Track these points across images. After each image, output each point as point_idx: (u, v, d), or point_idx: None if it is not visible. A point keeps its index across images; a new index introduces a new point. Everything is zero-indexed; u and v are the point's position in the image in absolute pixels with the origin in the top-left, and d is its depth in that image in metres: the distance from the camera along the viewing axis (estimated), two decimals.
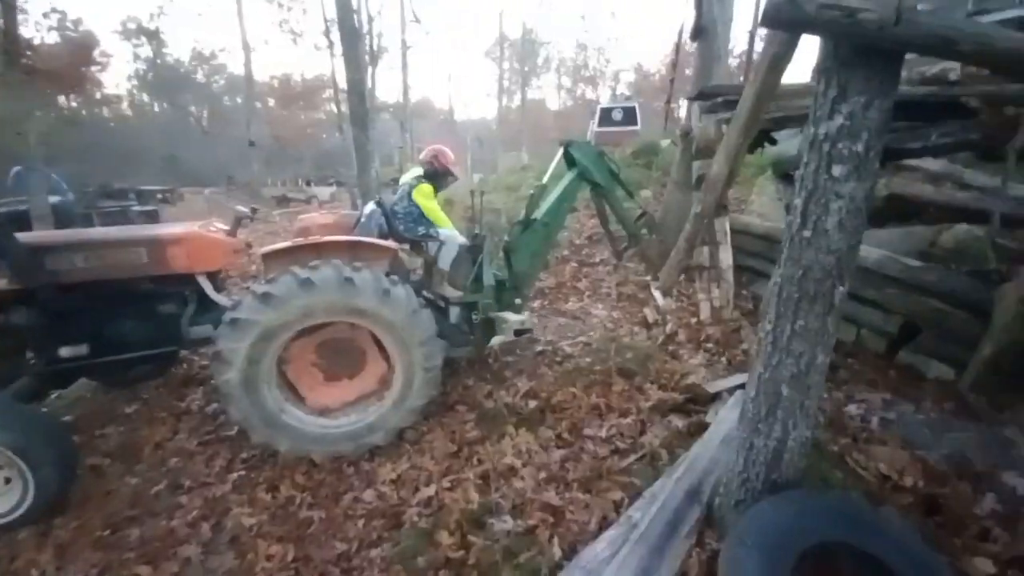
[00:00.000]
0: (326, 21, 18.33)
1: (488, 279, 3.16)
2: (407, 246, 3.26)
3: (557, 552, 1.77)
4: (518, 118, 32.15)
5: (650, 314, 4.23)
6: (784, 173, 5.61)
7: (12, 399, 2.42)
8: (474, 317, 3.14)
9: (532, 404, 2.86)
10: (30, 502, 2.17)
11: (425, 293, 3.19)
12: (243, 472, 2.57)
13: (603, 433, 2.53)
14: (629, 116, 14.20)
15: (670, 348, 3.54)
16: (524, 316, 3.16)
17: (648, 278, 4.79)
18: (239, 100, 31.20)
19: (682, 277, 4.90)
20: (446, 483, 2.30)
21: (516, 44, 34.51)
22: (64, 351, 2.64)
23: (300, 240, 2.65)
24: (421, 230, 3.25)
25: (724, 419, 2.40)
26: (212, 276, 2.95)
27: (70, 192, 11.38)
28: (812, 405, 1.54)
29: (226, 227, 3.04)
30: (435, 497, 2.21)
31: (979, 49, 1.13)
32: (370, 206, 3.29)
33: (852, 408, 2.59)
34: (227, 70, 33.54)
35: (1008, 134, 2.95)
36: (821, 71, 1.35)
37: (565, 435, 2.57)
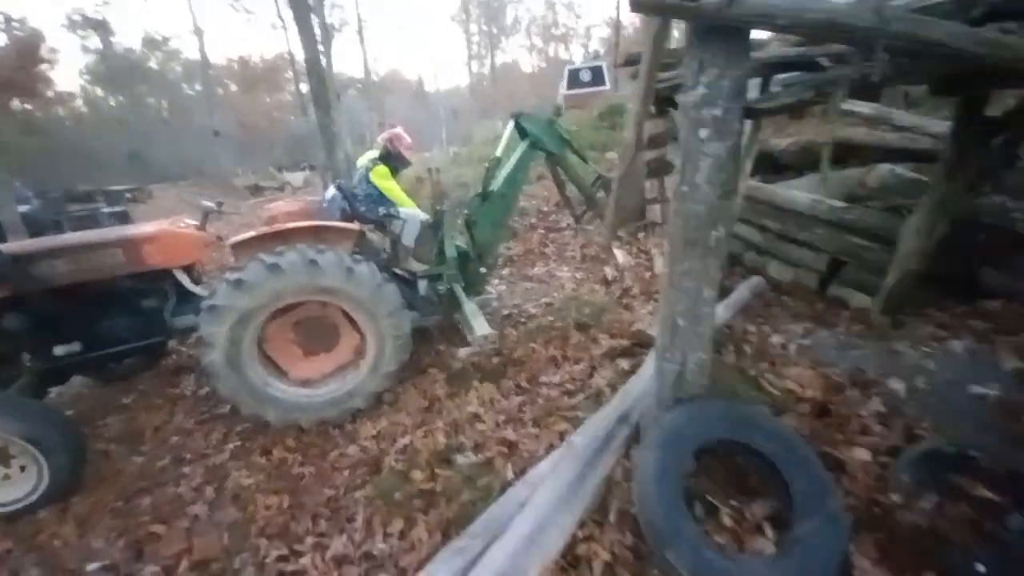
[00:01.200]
0: None
1: (451, 252, 3.40)
2: (372, 226, 3.47)
3: (510, 474, 2.10)
4: (492, 86, 31.54)
5: (609, 272, 4.52)
6: None
7: (18, 395, 2.66)
8: (440, 288, 3.40)
9: (496, 361, 3.16)
10: (46, 486, 2.44)
11: (396, 269, 3.43)
12: (239, 443, 2.86)
13: (557, 379, 2.85)
14: (597, 76, 14.11)
15: (624, 301, 3.84)
16: (492, 294, 3.39)
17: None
18: (198, 87, 30.13)
19: (641, 234, 5.18)
20: (420, 433, 2.60)
21: (483, 5, 33.45)
22: (58, 350, 2.86)
23: (265, 228, 2.85)
24: (382, 210, 3.46)
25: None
26: (189, 269, 3.15)
27: (35, 199, 11.22)
28: (704, 332, 1.83)
29: (195, 222, 3.22)
30: (409, 445, 2.53)
31: (792, 21, 1.36)
32: (331, 191, 3.48)
33: (775, 338, 2.92)
34: (182, 56, 32.22)
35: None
36: (686, 48, 1.58)
37: (524, 384, 2.88)
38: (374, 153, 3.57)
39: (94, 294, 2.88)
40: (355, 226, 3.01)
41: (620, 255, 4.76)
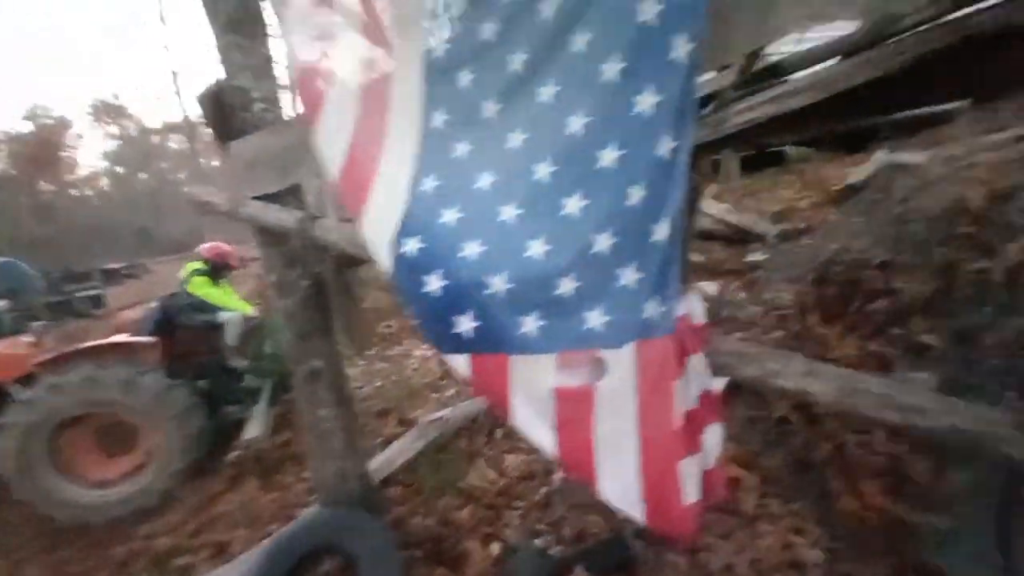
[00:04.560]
0: None
1: (267, 348, 3.79)
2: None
3: None
4: None
5: None
6: None
7: None
8: (259, 383, 3.77)
9: (277, 455, 3.44)
10: None
11: (228, 365, 3.83)
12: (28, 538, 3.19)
13: None
14: None
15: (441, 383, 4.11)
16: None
17: None
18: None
19: None
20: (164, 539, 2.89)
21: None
22: None
23: (67, 349, 3.30)
24: (203, 317, 3.88)
25: None
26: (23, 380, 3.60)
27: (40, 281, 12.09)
28: (334, 447, 2.13)
29: (33, 339, 3.70)
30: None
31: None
32: (154, 303, 3.94)
33: None
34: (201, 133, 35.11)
35: None
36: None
37: (289, 480, 3.15)
38: (196, 265, 4.03)
39: None
40: (150, 340, 3.43)
41: None
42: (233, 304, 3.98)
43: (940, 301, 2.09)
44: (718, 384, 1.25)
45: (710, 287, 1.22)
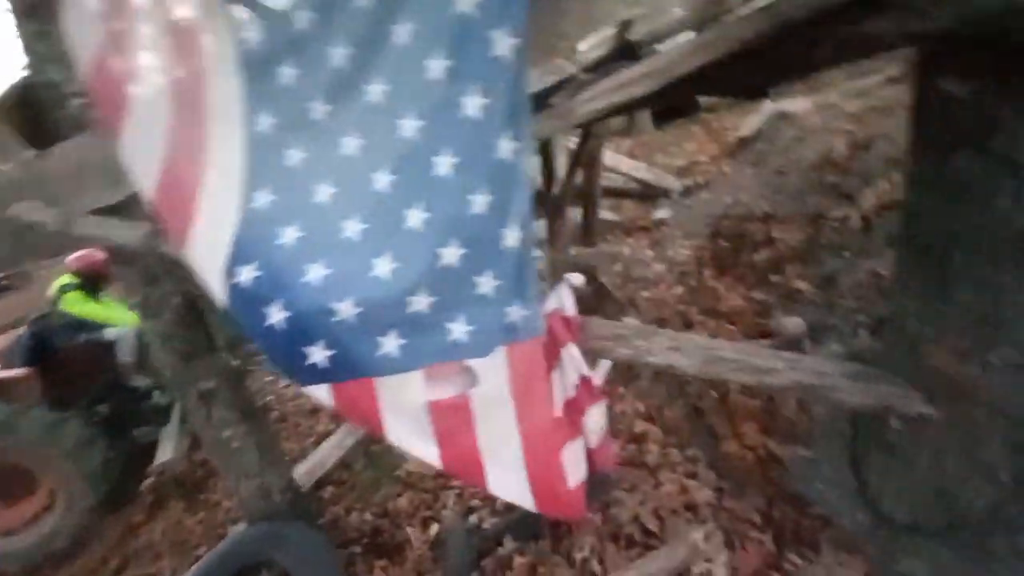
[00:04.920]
0: None
1: None
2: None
3: None
4: None
5: None
6: None
7: None
8: (168, 399, 3.49)
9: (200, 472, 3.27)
10: None
11: (131, 384, 3.49)
12: None
13: None
14: None
15: None
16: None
17: None
18: None
19: None
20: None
21: None
22: None
23: None
24: (86, 336, 3.48)
25: None
26: None
27: None
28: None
29: None
30: None
31: None
32: (22, 329, 3.48)
33: None
34: None
35: None
36: None
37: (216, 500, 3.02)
38: (65, 280, 3.56)
39: None
40: (22, 372, 3.06)
41: None
42: (119, 318, 3.58)
43: (810, 249, 2.30)
44: (603, 367, 1.31)
45: (577, 279, 1.26)
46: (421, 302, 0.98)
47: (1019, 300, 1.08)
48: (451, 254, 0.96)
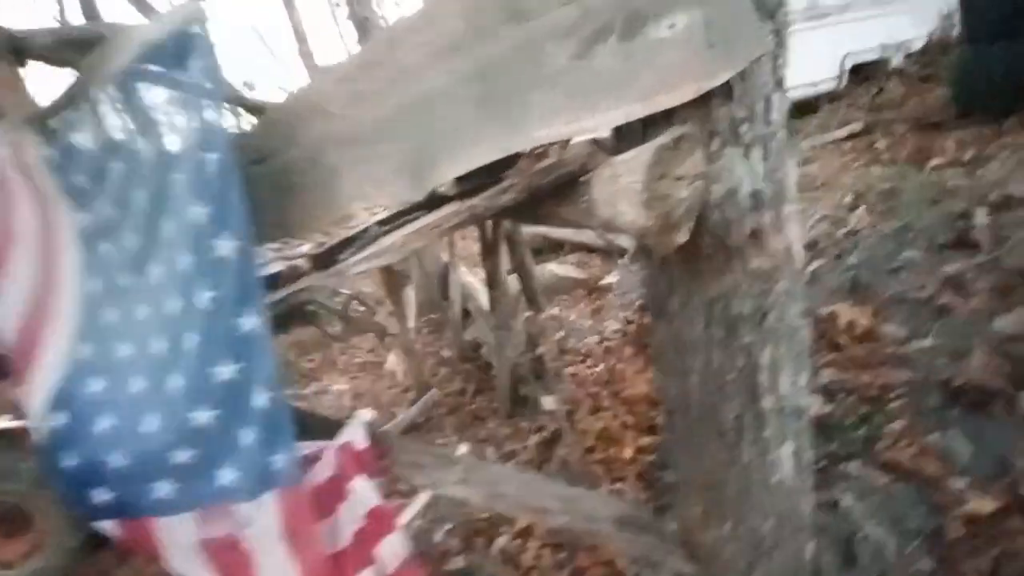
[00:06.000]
0: None
1: None
2: None
3: None
4: None
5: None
6: None
7: None
8: None
9: None
10: None
11: None
12: None
13: None
14: None
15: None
16: None
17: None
18: None
19: None
20: None
21: None
22: None
23: None
24: None
25: None
26: None
27: None
28: None
29: None
30: None
31: None
32: None
33: None
34: None
35: None
36: None
37: None
38: None
39: None
40: (23, 424, 3.48)
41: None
42: None
43: None
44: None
45: (366, 414, 1.36)
46: (184, 456, 1.14)
47: None
48: (202, 417, 1.11)
